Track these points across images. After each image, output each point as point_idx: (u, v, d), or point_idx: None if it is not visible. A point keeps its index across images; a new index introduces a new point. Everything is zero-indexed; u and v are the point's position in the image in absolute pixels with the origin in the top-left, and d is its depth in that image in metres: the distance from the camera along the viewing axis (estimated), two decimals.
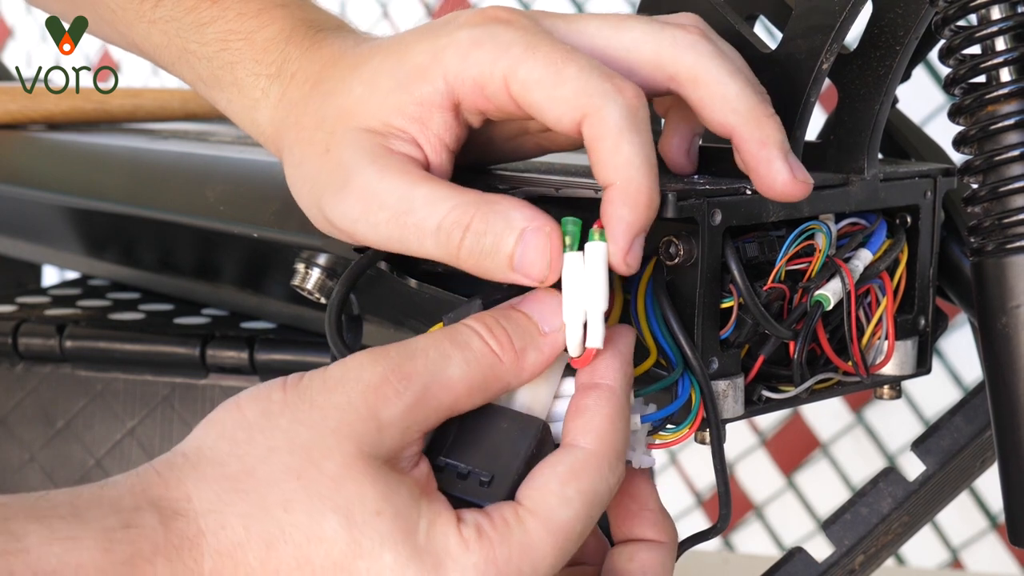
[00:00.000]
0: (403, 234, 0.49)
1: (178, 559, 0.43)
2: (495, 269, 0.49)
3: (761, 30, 0.62)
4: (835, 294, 0.56)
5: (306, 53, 0.55)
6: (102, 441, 0.85)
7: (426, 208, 0.49)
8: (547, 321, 0.48)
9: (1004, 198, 0.54)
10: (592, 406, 0.48)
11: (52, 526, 0.42)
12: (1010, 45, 0.54)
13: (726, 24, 0.57)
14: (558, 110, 0.48)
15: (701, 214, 0.52)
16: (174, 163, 0.81)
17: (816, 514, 1.79)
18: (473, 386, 0.47)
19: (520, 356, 0.48)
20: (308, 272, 0.64)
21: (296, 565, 0.43)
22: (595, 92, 0.48)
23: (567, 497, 0.46)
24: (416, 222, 0.49)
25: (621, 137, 0.47)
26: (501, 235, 0.48)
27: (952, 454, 0.67)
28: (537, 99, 0.48)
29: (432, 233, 0.49)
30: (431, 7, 1.95)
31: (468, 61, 0.49)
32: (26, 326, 0.86)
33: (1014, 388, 0.54)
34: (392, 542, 0.43)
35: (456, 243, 0.48)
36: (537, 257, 0.48)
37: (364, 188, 0.50)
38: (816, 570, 0.66)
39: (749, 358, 0.56)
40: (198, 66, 0.58)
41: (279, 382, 0.46)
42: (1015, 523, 0.56)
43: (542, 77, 0.48)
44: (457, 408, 0.47)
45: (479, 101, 0.50)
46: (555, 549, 0.45)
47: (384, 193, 0.50)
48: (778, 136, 0.50)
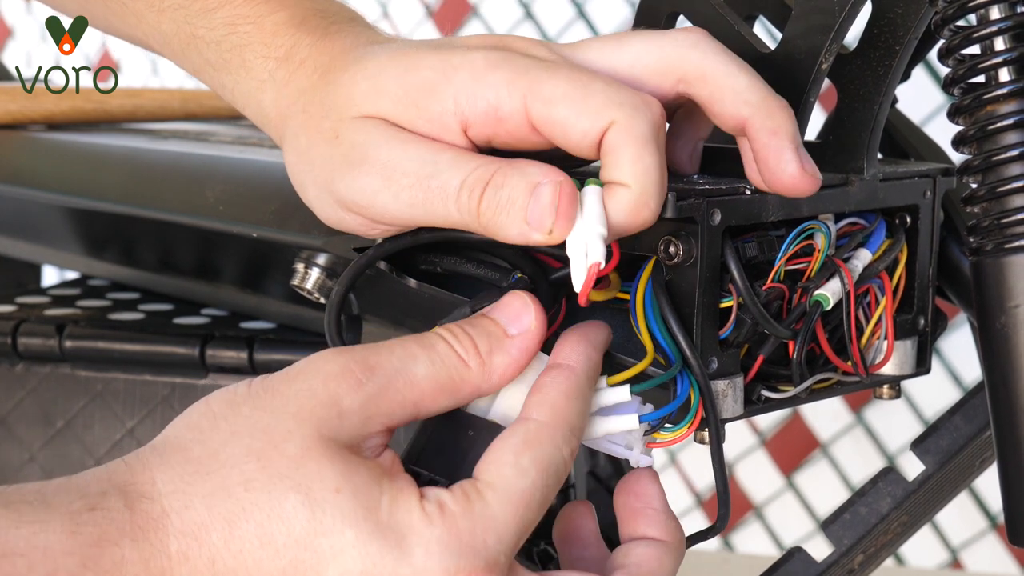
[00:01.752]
0: (427, 197, 0.50)
1: (144, 540, 0.43)
2: (512, 224, 0.49)
3: (761, 31, 0.62)
4: (834, 294, 0.56)
5: (318, 43, 0.55)
6: (102, 441, 0.85)
7: (451, 169, 0.49)
8: (513, 324, 0.49)
9: (1003, 198, 0.54)
10: (549, 383, 0.48)
11: (19, 510, 0.42)
12: (1009, 45, 0.54)
13: (725, 24, 0.57)
14: (585, 123, 0.48)
15: (700, 214, 0.52)
16: (174, 163, 0.81)
17: (816, 514, 1.79)
18: (439, 386, 0.47)
19: (486, 360, 0.48)
20: (307, 272, 0.64)
21: (259, 543, 0.44)
22: (625, 102, 0.48)
23: (522, 467, 0.46)
24: (440, 184, 0.49)
25: (645, 148, 0.48)
26: (517, 187, 0.48)
27: (951, 454, 0.67)
28: (562, 115, 0.49)
29: (455, 193, 0.49)
30: (431, 7, 1.95)
31: (483, 83, 0.49)
32: (26, 326, 0.86)
33: (1013, 388, 0.54)
34: (353, 518, 0.44)
35: (476, 200, 0.49)
36: (548, 209, 0.48)
37: (385, 161, 0.50)
38: (815, 570, 0.66)
39: (748, 358, 0.56)
40: (206, 51, 0.58)
41: (247, 380, 0.47)
42: (1014, 523, 0.56)
43: (568, 92, 0.48)
44: (422, 407, 0.47)
45: (489, 125, 0.50)
46: (516, 518, 0.46)
47: (407, 161, 0.50)
48: (790, 127, 0.50)
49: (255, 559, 0.44)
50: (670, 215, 0.51)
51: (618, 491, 0.53)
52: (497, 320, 0.49)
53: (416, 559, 0.44)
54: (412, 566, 0.44)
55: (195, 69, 0.60)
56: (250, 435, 0.45)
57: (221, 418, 0.46)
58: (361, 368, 0.46)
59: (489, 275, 0.55)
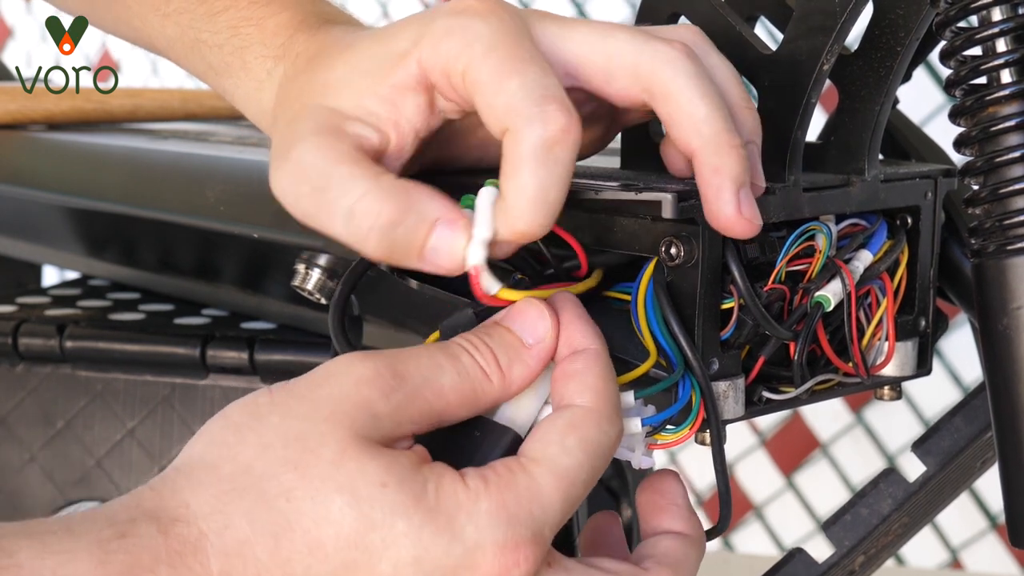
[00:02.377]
0: (318, 212, 0.49)
1: (182, 564, 0.42)
2: (406, 259, 0.48)
3: (762, 31, 0.62)
4: (835, 295, 0.56)
5: (312, 36, 0.55)
6: (102, 441, 0.85)
7: (339, 187, 0.48)
8: (530, 333, 0.49)
9: (1005, 199, 0.54)
10: (582, 368, 0.48)
11: (44, 541, 0.41)
12: (1011, 46, 0.53)
13: (726, 25, 0.57)
14: (488, 119, 0.48)
15: (701, 215, 0.52)
16: (174, 163, 0.81)
17: (816, 514, 1.79)
18: (462, 398, 0.47)
19: (506, 372, 0.48)
20: (308, 273, 0.64)
21: (308, 551, 0.43)
22: (521, 113, 0.47)
23: (568, 446, 0.46)
24: (329, 201, 0.49)
25: (524, 163, 0.47)
26: (412, 229, 0.48)
27: (952, 455, 0.67)
28: (477, 102, 0.49)
29: (343, 216, 0.48)
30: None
31: (438, 50, 0.49)
32: (26, 326, 0.86)
33: (1015, 389, 0.54)
34: (403, 509, 0.43)
35: (364, 232, 0.48)
36: (447, 250, 0.48)
37: (298, 159, 0.50)
38: (816, 571, 0.66)
39: (749, 359, 0.56)
40: (209, 55, 0.58)
41: (264, 389, 0.46)
42: (1015, 524, 0.56)
43: (487, 82, 0.48)
44: (446, 417, 0.47)
45: (446, 89, 0.50)
46: (561, 494, 0.45)
47: (309, 166, 0.49)
48: (735, 168, 0.50)
49: (304, 566, 0.43)
50: (671, 216, 0.51)
51: (641, 490, 0.54)
52: (513, 330, 0.49)
53: (468, 536, 0.43)
54: (464, 543, 0.43)
55: (198, 73, 0.60)
56: (283, 445, 0.44)
57: (247, 430, 0.45)
58: (391, 374, 0.46)
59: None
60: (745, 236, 0.50)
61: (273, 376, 0.82)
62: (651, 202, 0.52)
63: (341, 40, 0.54)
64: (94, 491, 0.85)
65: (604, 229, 0.55)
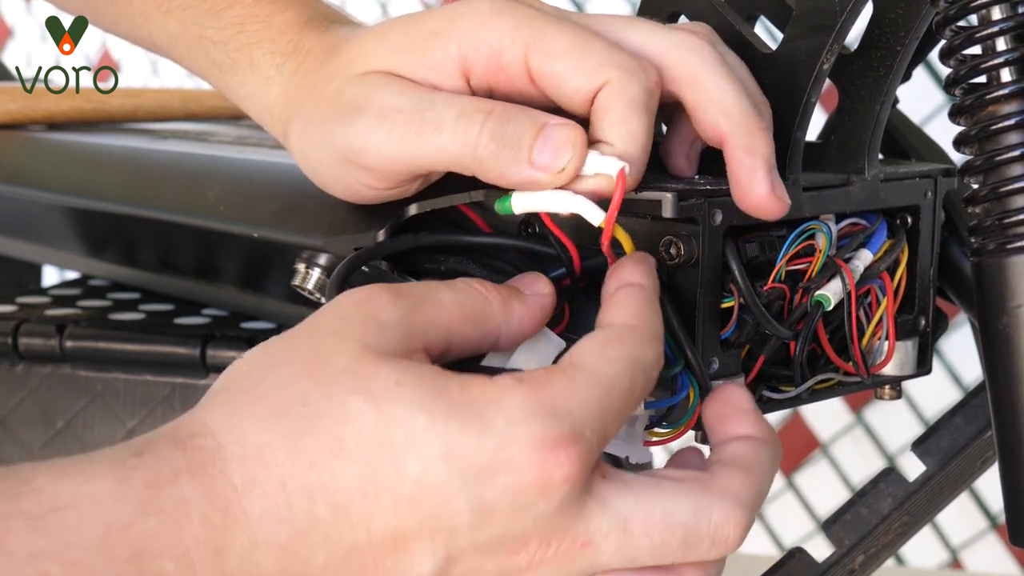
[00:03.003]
0: (420, 128, 0.49)
1: (203, 474, 0.41)
2: (514, 161, 0.48)
3: (762, 31, 0.62)
4: (835, 294, 0.56)
5: (323, 34, 0.56)
6: (102, 441, 0.85)
7: (448, 102, 0.49)
8: (528, 286, 0.49)
9: (1005, 198, 0.54)
10: (625, 295, 0.47)
11: (62, 467, 0.40)
12: (1011, 45, 0.54)
13: (726, 24, 0.57)
14: (580, 79, 0.49)
15: (702, 214, 0.52)
16: (174, 163, 0.81)
17: (816, 514, 1.79)
18: (465, 314, 0.46)
19: (505, 302, 0.47)
20: (308, 272, 0.64)
21: (330, 452, 0.41)
22: (622, 64, 0.48)
23: (607, 356, 0.44)
24: (435, 116, 0.49)
25: (634, 111, 0.48)
26: (524, 125, 0.48)
27: (952, 455, 0.67)
28: (559, 68, 0.49)
29: (452, 122, 0.49)
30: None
31: (488, 28, 0.49)
32: (26, 326, 0.86)
33: (1015, 388, 0.54)
34: (422, 403, 0.41)
35: (476, 130, 0.48)
36: (557, 149, 0.48)
37: (381, 102, 0.50)
38: (816, 570, 0.66)
39: (749, 358, 0.56)
40: (214, 52, 0.58)
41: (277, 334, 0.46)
42: (1016, 523, 0.56)
43: (569, 46, 0.49)
44: (453, 331, 0.46)
45: (491, 71, 0.50)
46: (600, 399, 0.43)
47: (403, 100, 0.50)
48: (766, 149, 0.50)
49: (328, 468, 0.41)
50: (671, 215, 0.51)
51: (707, 405, 0.51)
52: (513, 285, 0.49)
53: (499, 429, 0.41)
54: (496, 436, 0.41)
55: (201, 71, 0.60)
56: (297, 358, 0.43)
57: (258, 356, 0.44)
58: (388, 291, 0.45)
59: (492, 277, 0.55)
60: (776, 216, 0.51)
61: None
62: (651, 201, 0.52)
63: (357, 30, 0.54)
64: None
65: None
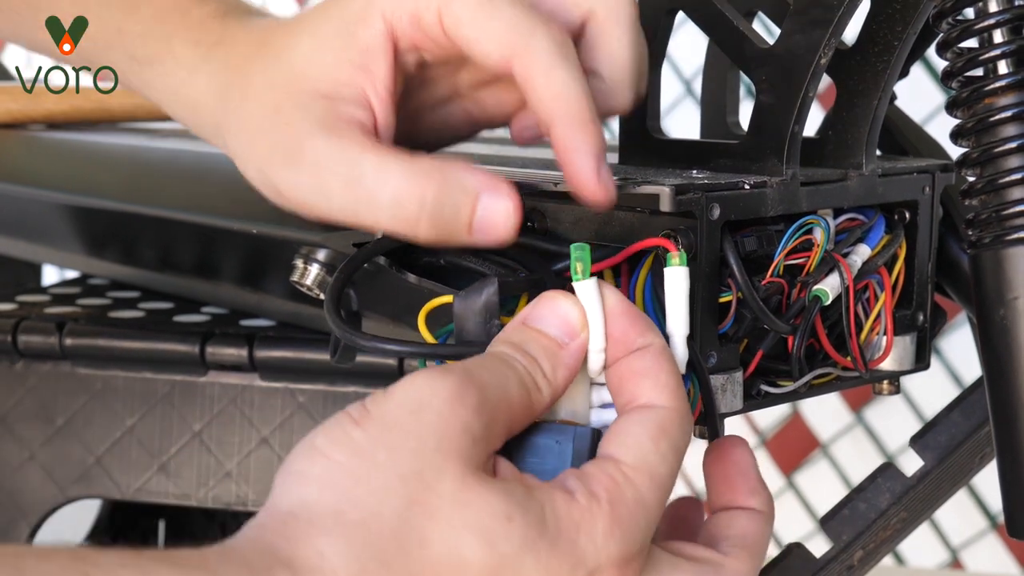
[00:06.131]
0: (357, 207, 0.50)
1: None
2: (454, 236, 0.49)
3: (759, 26, 0.62)
4: (833, 289, 0.56)
5: (244, 24, 0.55)
6: (102, 439, 0.85)
7: (376, 177, 0.49)
8: (565, 332, 0.48)
9: (1002, 190, 0.54)
10: (652, 365, 0.47)
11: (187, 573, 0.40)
12: (1007, 37, 0.54)
13: (724, 20, 0.57)
14: (488, 45, 0.49)
15: (699, 208, 0.52)
16: (174, 161, 0.81)
17: (815, 514, 1.79)
18: (525, 410, 0.46)
19: (552, 380, 0.47)
20: (307, 268, 0.64)
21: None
22: (525, 28, 0.49)
23: (663, 453, 0.46)
24: (367, 193, 0.49)
25: (553, 65, 0.49)
26: (459, 202, 0.49)
27: (950, 450, 0.67)
28: (467, 34, 0.49)
29: (388, 206, 0.49)
30: None
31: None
32: (26, 323, 0.86)
33: (1012, 380, 0.54)
34: (531, 542, 0.42)
35: (414, 214, 0.49)
36: (496, 219, 0.49)
37: (317, 156, 0.50)
38: (814, 566, 0.66)
39: (747, 352, 0.56)
40: (132, 45, 0.58)
41: (345, 420, 0.44)
42: (1013, 516, 0.56)
43: (474, 12, 0.49)
44: (514, 430, 0.46)
45: (416, 36, 0.51)
46: (659, 503, 0.45)
47: (335, 161, 0.50)
48: None
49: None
50: (669, 210, 0.51)
51: (711, 457, 0.52)
52: (548, 333, 0.48)
53: (589, 559, 0.43)
54: (587, 566, 0.43)
55: (121, 67, 0.59)
56: (403, 484, 0.42)
57: (360, 471, 0.43)
58: (475, 388, 0.44)
59: (493, 271, 0.55)
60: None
61: (272, 373, 0.82)
62: (649, 195, 0.52)
63: (286, 21, 0.54)
64: (94, 489, 0.85)
65: (601, 223, 0.55)
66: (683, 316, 0.50)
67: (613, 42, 0.53)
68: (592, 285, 0.48)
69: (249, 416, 0.83)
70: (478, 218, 0.49)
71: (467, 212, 0.49)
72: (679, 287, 0.50)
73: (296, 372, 0.82)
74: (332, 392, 0.81)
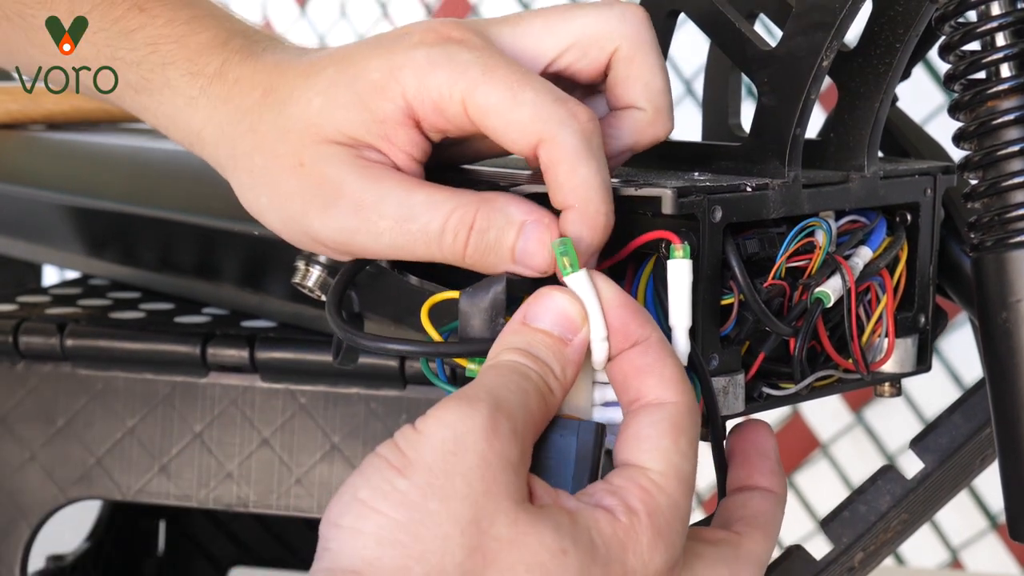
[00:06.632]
0: (408, 241, 0.50)
1: None
2: (498, 263, 0.50)
3: (761, 28, 0.62)
4: (835, 291, 0.56)
5: (246, 60, 0.54)
6: (102, 440, 0.85)
7: (428, 213, 0.50)
8: (567, 330, 0.49)
9: (1004, 193, 0.54)
10: (656, 361, 0.48)
11: None
12: (1010, 41, 0.54)
13: (726, 22, 0.57)
14: (514, 135, 0.49)
15: (702, 211, 0.52)
16: (174, 161, 0.81)
17: (816, 514, 1.79)
18: (543, 419, 0.47)
19: (562, 380, 0.48)
20: (309, 270, 0.64)
21: None
22: (551, 118, 0.49)
23: (683, 451, 0.47)
24: (420, 227, 0.50)
25: (578, 161, 0.49)
26: (503, 230, 0.50)
27: (951, 452, 0.67)
28: (493, 124, 0.50)
29: (437, 237, 0.50)
30: (431, 7, 1.95)
31: (426, 83, 0.50)
32: (27, 324, 0.86)
33: (1015, 383, 0.54)
34: (585, 571, 0.44)
35: (462, 244, 0.50)
36: (537, 248, 0.50)
37: (359, 199, 0.51)
38: (814, 568, 0.66)
39: (749, 355, 0.56)
40: (127, 72, 0.57)
41: (385, 468, 0.44)
42: (1015, 518, 0.56)
43: (499, 102, 0.49)
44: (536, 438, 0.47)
45: (439, 122, 0.51)
46: (690, 502, 0.47)
47: (382, 202, 0.50)
48: None
49: None
50: (671, 212, 0.51)
51: (735, 436, 0.54)
52: (551, 332, 0.49)
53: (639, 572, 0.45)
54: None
55: (115, 93, 0.58)
56: (461, 534, 0.43)
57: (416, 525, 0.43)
58: (504, 417, 0.45)
59: None
60: None
61: (273, 374, 0.82)
62: (651, 198, 0.52)
63: (293, 66, 0.53)
64: (94, 490, 0.85)
65: None
66: (686, 309, 0.50)
67: (646, 74, 0.53)
68: (583, 276, 0.48)
69: (250, 417, 0.83)
70: (520, 248, 0.50)
71: (511, 241, 0.50)
72: (682, 280, 0.50)
73: (297, 373, 0.82)
74: (333, 393, 0.82)
